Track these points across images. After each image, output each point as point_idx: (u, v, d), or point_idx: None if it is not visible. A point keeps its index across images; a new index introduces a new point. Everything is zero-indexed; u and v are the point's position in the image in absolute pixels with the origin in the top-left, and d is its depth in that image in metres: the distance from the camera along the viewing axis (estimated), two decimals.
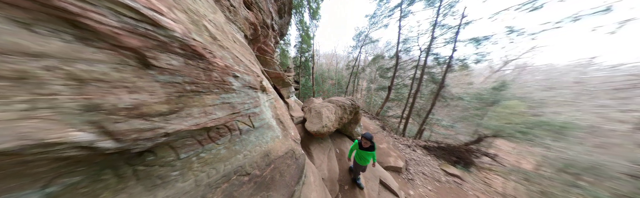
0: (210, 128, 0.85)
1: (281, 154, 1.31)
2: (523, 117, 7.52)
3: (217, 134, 0.91)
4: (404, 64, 10.57)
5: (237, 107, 1.04)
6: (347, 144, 3.37)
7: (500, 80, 10.36)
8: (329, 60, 28.28)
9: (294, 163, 1.37)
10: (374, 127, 6.72)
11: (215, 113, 0.85)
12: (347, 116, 3.17)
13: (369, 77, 18.84)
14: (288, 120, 1.92)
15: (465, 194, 4.20)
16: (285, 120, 1.87)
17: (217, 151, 0.92)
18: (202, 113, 0.78)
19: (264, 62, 3.63)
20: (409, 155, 5.64)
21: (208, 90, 0.82)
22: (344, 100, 3.32)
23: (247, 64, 1.45)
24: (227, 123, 0.96)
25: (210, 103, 0.83)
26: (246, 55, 1.87)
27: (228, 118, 0.95)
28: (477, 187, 5.00)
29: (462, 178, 5.01)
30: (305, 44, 13.98)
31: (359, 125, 3.98)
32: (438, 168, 5.33)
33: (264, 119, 1.35)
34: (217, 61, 0.87)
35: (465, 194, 4.21)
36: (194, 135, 0.79)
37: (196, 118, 0.75)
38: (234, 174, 0.96)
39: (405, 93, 10.40)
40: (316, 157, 2.42)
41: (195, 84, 0.75)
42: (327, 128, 2.55)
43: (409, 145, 6.81)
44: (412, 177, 4.12)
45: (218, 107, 0.88)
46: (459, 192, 4.14)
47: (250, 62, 1.67)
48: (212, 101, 0.83)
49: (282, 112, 2.02)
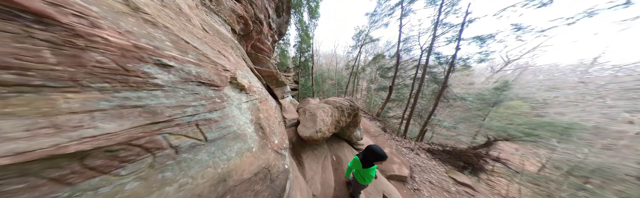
0: (87, 154, 0.46)
1: (248, 177, 0.93)
2: (526, 118, 7.27)
3: (114, 160, 0.53)
4: (404, 63, 10.24)
5: (166, 112, 0.66)
6: (345, 150, 2.95)
7: (502, 80, 10.06)
8: (329, 60, 27.94)
9: (267, 189, 0.98)
10: (374, 130, 6.31)
11: (96, 125, 0.47)
12: (345, 119, 2.76)
13: (369, 77, 18.44)
14: (274, 125, 1.55)
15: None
16: (270, 125, 1.49)
17: (116, 188, 0.53)
18: (51, 127, 0.40)
19: (256, 60, 3.27)
20: (413, 160, 5.17)
21: (71, 85, 0.43)
22: (342, 101, 2.92)
23: (210, 54, 1.07)
24: (140, 140, 0.58)
25: (80, 108, 0.45)
26: (217, 46, 1.49)
27: (140, 131, 0.57)
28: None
29: (474, 188, 4.51)
30: (305, 44, 13.65)
31: (358, 128, 3.57)
32: (446, 175, 4.86)
33: (227, 127, 0.97)
34: (103, 34, 0.49)
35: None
36: (34, 170, 0.40)
37: (32, 138, 0.37)
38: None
39: (406, 93, 10.01)
40: (308, 167, 2.03)
41: (23, 70, 0.37)
42: (321, 133, 2.15)
43: (412, 148, 6.36)
44: (418, 187, 3.68)
45: (109, 115, 0.50)
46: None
47: (220, 54, 1.30)
48: (84, 104, 0.45)
49: (268, 115, 1.64)
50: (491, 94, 8.26)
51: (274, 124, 1.62)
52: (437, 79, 8.48)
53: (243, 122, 1.12)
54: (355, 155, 1.83)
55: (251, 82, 1.56)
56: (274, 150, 1.26)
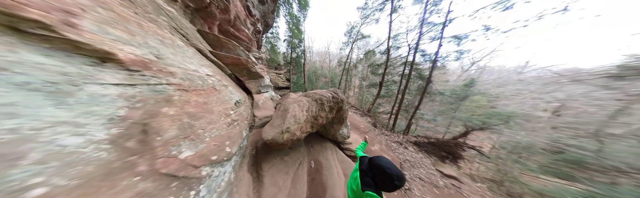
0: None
1: None
2: (484, 110, 9.08)
3: None
4: (393, 60, 10.13)
5: None
6: (327, 153, 2.36)
7: (469, 79, 11.68)
8: (322, 57, 27.23)
9: None
10: (365, 125, 5.98)
11: None
12: (326, 114, 2.16)
13: (362, 74, 18.22)
14: (208, 126, 1.00)
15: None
16: (187, 127, 0.93)
17: None
18: None
19: (217, 43, 2.61)
20: (403, 155, 5.07)
21: None
22: (322, 93, 2.32)
23: None
24: None
25: None
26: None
27: None
28: (474, 189, 4.55)
29: (459, 179, 4.50)
30: (296, 38, 12.76)
31: (345, 125, 2.99)
32: (433, 169, 4.81)
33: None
34: None
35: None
36: None
37: None
38: None
39: (394, 89, 10.03)
40: (270, 182, 1.45)
41: None
42: (289, 134, 1.56)
43: (400, 142, 6.20)
44: (408, 186, 3.40)
45: None
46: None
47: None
48: None
49: (199, 111, 1.13)
50: (461, 89, 9.56)
51: (210, 125, 1.04)
52: (422, 76, 8.63)
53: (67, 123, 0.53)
54: (356, 165, 1.17)
55: (162, 56, 0.95)
56: (161, 174, 0.67)
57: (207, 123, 1.04)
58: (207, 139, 0.96)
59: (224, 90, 1.64)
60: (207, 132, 1.00)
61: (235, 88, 2.26)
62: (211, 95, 1.23)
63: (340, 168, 2.30)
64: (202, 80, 1.15)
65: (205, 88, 1.16)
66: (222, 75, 2.16)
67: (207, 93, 1.18)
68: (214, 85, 1.34)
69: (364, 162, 1.10)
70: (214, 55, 2.33)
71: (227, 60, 2.51)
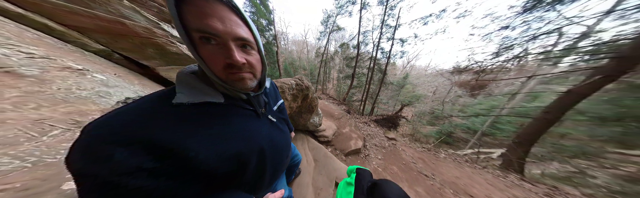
0: None
1: None
2: (411, 93, 14.75)
3: None
4: (363, 55, 11.50)
5: None
6: (297, 144, 2.38)
7: (405, 73, 18.49)
8: (300, 47, 25.80)
9: None
10: (339, 112, 6.63)
11: None
12: (289, 103, 1.93)
13: (339, 67, 18.01)
14: None
15: (398, 151, 5.97)
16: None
17: None
18: None
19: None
20: (366, 131, 6.19)
21: None
22: (286, 80, 1.96)
23: None
24: None
25: None
26: None
27: None
28: (402, 142, 6.25)
29: (396, 139, 6.02)
30: (262, 18, 9.57)
31: (316, 113, 2.75)
32: (383, 136, 6.16)
33: None
34: None
35: (398, 151, 5.98)
36: None
37: None
38: None
39: (364, 80, 11.53)
40: None
41: None
42: None
43: (366, 122, 7.94)
44: (368, 153, 4.14)
45: None
46: (395, 152, 5.65)
47: None
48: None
49: None
50: (402, 81, 13.74)
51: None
52: (381, 69, 10.54)
53: None
54: (352, 177, 0.80)
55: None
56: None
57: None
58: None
59: (72, 79, 0.84)
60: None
61: (123, 77, 1.28)
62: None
63: (311, 155, 2.33)
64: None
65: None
66: (72, 52, 1.17)
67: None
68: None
69: (365, 179, 0.78)
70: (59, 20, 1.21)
71: (86, 22, 1.25)
